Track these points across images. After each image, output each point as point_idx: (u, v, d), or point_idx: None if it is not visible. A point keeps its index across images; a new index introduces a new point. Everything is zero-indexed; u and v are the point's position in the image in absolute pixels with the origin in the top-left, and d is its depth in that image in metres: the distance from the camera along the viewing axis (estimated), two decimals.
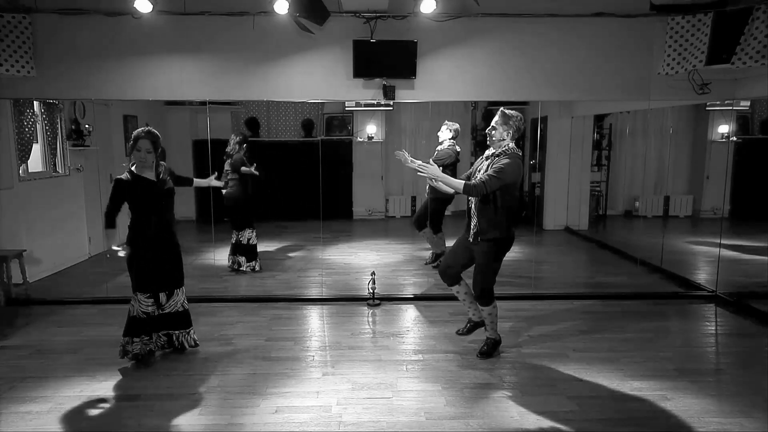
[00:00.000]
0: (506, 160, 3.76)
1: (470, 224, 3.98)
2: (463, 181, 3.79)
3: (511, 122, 3.84)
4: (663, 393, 3.61)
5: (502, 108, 3.95)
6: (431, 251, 6.86)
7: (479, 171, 3.93)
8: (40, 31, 5.14)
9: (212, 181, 4.89)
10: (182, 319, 4.17)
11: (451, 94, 5.46)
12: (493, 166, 3.77)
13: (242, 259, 6.61)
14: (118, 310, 5.30)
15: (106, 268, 6.96)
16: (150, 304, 3.97)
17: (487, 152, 3.98)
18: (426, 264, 6.79)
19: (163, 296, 4.02)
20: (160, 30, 5.19)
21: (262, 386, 3.70)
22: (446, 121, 6.42)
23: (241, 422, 3.25)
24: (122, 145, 8.20)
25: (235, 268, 6.62)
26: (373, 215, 10.37)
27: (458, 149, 6.32)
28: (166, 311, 4.07)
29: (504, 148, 3.83)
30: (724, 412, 3.38)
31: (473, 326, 4.39)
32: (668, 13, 5.19)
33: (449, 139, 6.31)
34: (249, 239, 6.62)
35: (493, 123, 3.89)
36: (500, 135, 3.85)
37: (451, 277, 4.19)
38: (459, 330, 4.52)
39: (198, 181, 4.72)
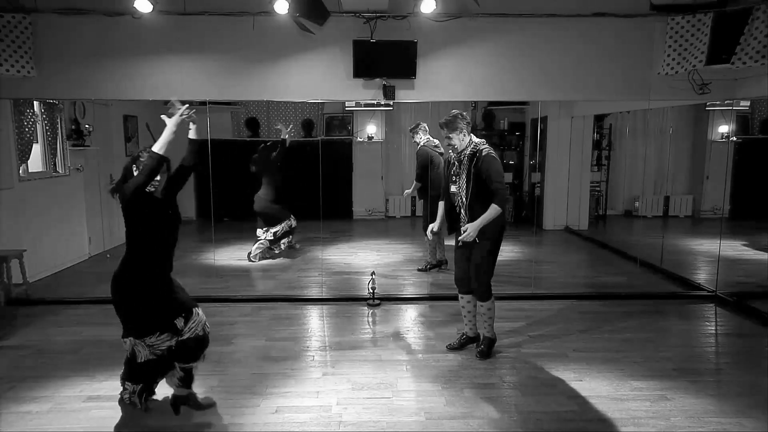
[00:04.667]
0: (491, 161, 3.83)
1: (462, 226, 3.98)
2: (497, 207, 3.79)
3: (457, 124, 3.88)
4: (663, 393, 3.61)
5: (439, 121, 3.98)
6: (427, 259, 6.80)
7: (457, 176, 3.97)
8: (40, 31, 5.14)
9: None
10: (199, 346, 3.29)
11: (451, 94, 5.46)
12: (488, 171, 3.80)
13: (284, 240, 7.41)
14: None
15: (106, 268, 6.96)
16: (167, 338, 3.17)
17: (453, 156, 4.01)
18: (419, 270, 6.73)
19: (180, 321, 3.17)
20: (160, 30, 5.19)
21: (262, 386, 3.70)
22: (420, 123, 6.45)
23: (241, 422, 3.25)
24: (122, 145, 8.21)
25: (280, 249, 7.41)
26: (373, 215, 10.37)
27: (435, 143, 6.32)
28: (185, 337, 3.19)
29: (473, 147, 3.88)
30: (724, 412, 3.38)
31: (467, 341, 4.33)
32: (668, 13, 5.19)
33: (423, 140, 6.35)
34: (282, 229, 7.31)
35: (445, 136, 3.93)
36: (460, 140, 3.91)
37: (467, 285, 4.16)
38: (450, 344, 4.35)
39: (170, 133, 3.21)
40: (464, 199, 3.92)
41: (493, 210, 3.81)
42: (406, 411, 3.39)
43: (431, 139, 6.38)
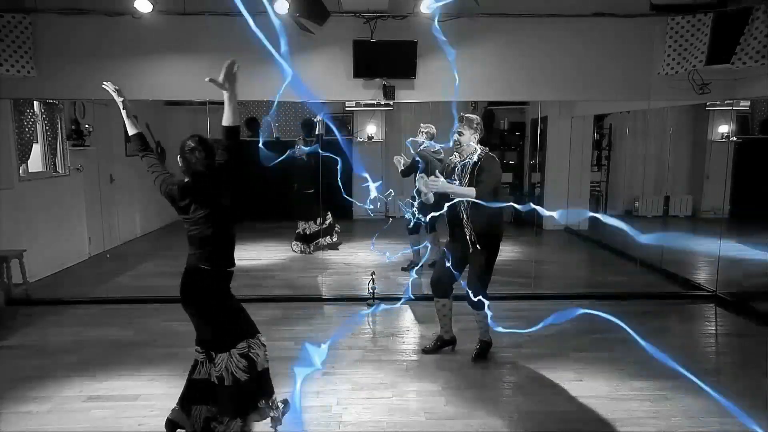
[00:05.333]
0: (492, 163, 3.85)
1: (464, 235, 3.93)
2: (474, 192, 3.72)
3: (474, 125, 3.94)
4: (663, 393, 3.61)
5: (461, 113, 4.00)
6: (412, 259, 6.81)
7: (459, 181, 3.95)
8: (40, 31, 5.14)
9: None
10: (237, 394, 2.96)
11: (451, 94, 5.44)
12: (484, 171, 3.80)
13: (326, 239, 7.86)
14: (118, 310, 5.32)
15: (106, 268, 6.97)
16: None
17: (456, 159, 4.00)
18: (402, 269, 6.73)
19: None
20: (160, 30, 5.19)
21: None
22: (421, 124, 6.41)
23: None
24: (122, 145, 8.21)
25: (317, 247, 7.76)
26: (373, 215, 10.35)
27: (435, 147, 6.25)
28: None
29: (479, 153, 3.89)
30: (724, 412, 3.37)
31: (442, 344, 4.30)
32: (668, 13, 5.19)
33: (423, 141, 6.31)
34: (325, 223, 7.81)
35: (458, 129, 3.95)
36: (468, 139, 3.93)
37: (443, 289, 4.13)
38: (425, 347, 4.32)
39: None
40: (466, 203, 3.90)
41: (468, 190, 3.72)
42: (406, 411, 3.39)
43: (432, 144, 6.32)
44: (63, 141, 6.78)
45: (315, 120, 7.97)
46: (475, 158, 3.87)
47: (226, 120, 2.84)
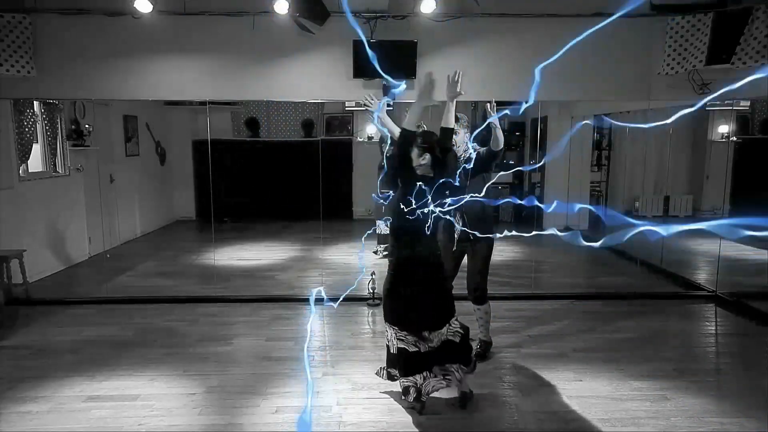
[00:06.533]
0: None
1: (454, 230, 3.95)
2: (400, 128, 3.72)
3: (466, 123, 4.00)
4: (663, 393, 3.61)
5: (455, 114, 4.04)
6: None
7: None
8: (40, 31, 5.15)
9: None
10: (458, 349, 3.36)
11: None
12: (482, 154, 3.85)
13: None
14: (118, 310, 5.32)
15: (106, 268, 6.97)
16: (413, 341, 3.34)
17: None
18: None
19: (426, 333, 3.35)
20: (160, 30, 5.19)
21: (262, 386, 3.70)
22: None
23: (240, 422, 3.25)
24: (122, 145, 8.21)
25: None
26: (373, 215, 10.36)
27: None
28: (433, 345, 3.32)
29: (470, 152, 3.91)
30: (724, 412, 3.38)
31: None
32: (668, 13, 5.19)
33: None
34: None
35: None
36: (462, 138, 3.97)
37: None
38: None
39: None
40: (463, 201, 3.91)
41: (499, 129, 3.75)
42: (406, 411, 3.38)
43: None
44: (63, 141, 6.78)
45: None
46: (468, 155, 3.91)
47: (448, 122, 3.48)
